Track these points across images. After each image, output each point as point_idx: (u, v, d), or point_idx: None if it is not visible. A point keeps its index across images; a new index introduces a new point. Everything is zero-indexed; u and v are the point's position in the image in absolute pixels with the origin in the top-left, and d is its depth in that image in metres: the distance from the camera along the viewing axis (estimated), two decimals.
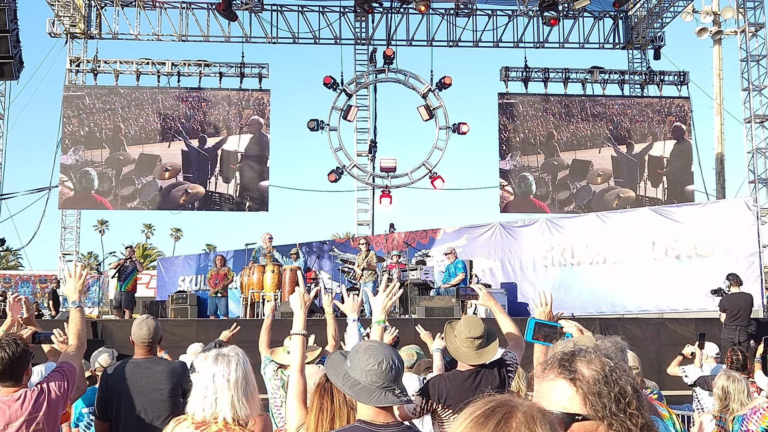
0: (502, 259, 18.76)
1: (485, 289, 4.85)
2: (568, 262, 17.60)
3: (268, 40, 25.55)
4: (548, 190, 24.96)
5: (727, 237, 15.58)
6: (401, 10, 25.43)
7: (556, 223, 18.26)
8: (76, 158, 24.28)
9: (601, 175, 25.15)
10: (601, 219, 17.75)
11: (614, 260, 16.99)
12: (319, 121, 23.72)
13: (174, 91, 25.03)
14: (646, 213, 17.27)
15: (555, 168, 25.15)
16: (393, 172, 24.35)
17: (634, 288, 16.67)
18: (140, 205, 24.68)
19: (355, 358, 2.96)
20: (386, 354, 2.94)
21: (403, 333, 10.01)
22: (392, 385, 2.89)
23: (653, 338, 13.83)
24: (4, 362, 4.27)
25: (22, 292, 37.26)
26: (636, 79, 26.25)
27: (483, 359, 4.55)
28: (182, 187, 24.55)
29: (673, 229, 16.26)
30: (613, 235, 17.10)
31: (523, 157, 25.09)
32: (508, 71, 25.59)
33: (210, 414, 3.43)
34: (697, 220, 16.16)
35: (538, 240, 18.19)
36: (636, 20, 26.39)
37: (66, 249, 26.39)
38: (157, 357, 5.66)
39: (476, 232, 19.52)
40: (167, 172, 24.52)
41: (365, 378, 2.89)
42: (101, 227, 76.41)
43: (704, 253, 15.76)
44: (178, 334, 13.17)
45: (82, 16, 25.06)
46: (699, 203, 18.49)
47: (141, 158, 24.52)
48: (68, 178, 24.18)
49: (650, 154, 25.30)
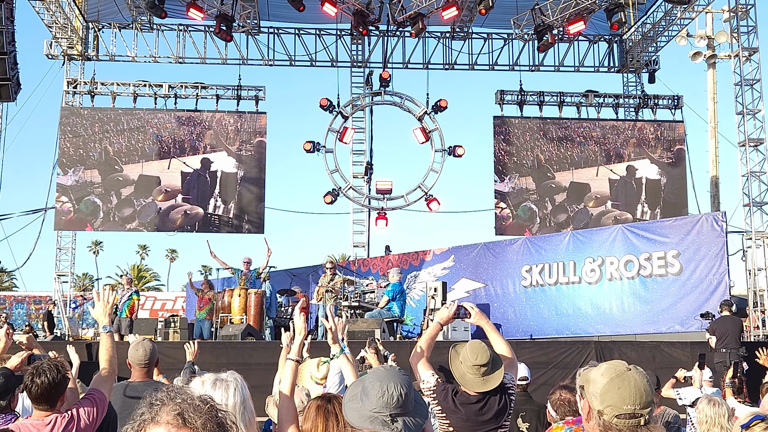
0: (485, 280, 18.80)
1: (477, 308, 4.85)
2: (546, 281, 17.66)
3: (264, 62, 25.66)
4: (546, 212, 25.02)
5: (697, 253, 15.63)
6: (397, 33, 25.58)
7: (536, 243, 18.35)
8: (75, 179, 24.31)
9: (599, 197, 25.22)
10: (577, 237, 17.83)
11: (588, 279, 17.04)
12: (316, 143, 23.78)
13: (171, 113, 25.09)
14: (618, 231, 17.28)
15: (552, 191, 25.23)
16: (389, 194, 24.39)
17: (607, 308, 16.74)
18: (139, 226, 24.69)
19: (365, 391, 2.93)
20: (392, 382, 2.89)
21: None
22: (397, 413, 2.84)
23: (648, 362, 13.77)
24: (42, 387, 4.28)
25: (17, 313, 37.11)
26: (630, 102, 26.39)
27: (488, 386, 4.53)
28: (181, 209, 24.57)
29: (644, 246, 16.32)
30: (587, 253, 17.15)
31: (521, 179, 25.18)
32: (503, 94, 25.71)
33: None
34: (669, 236, 16.18)
35: (519, 260, 18.27)
36: (630, 44, 26.56)
37: (61, 270, 26.30)
38: (154, 380, 5.64)
39: (462, 252, 19.57)
40: (165, 194, 24.54)
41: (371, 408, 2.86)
42: (96, 248, 76.37)
43: (674, 271, 15.82)
44: (173, 356, 13.09)
45: (79, 38, 25.16)
46: (669, 219, 18.53)
47: (140, 179, 24.57)
48: (68, 199, 24.20)
49: (646, 177, 25.39)
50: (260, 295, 16.46)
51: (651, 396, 2.56)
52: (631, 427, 2.53)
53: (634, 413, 2.52)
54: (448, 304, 4.85)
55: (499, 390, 4.59)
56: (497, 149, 25.33)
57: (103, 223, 24.58)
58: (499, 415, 4.57)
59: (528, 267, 18.01)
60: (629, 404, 2.52)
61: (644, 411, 2.53)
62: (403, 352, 7.55)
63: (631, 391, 2.53)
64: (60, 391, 4.39)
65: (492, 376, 4.55)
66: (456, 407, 4.58)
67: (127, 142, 24.70)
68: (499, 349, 4.82)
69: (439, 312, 4.80)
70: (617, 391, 2.54)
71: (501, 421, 4.58)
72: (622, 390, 2.53)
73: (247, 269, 17.74)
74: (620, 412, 2.52)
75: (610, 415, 2.53)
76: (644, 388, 2.55)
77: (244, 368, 4.86)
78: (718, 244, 15.47)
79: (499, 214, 25.05)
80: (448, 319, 4.77)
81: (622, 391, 2.53)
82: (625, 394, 2.52)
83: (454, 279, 19.35)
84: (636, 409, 2.52)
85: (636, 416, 2.52)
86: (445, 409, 4.58)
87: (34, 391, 4.28)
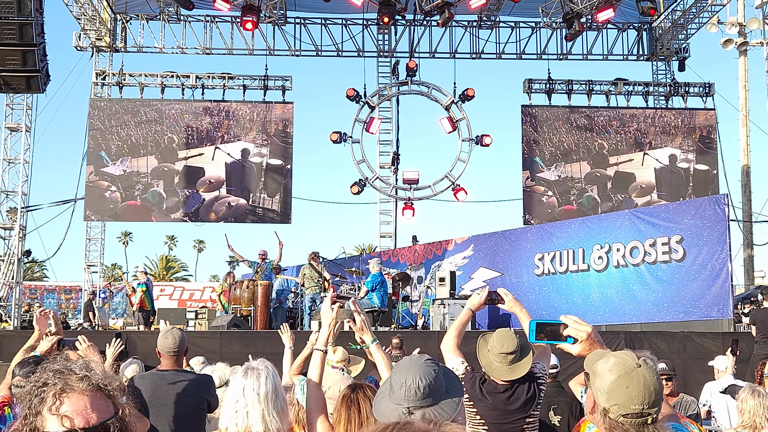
0: (502, 268, 18.69)
1: (511, 295, 4.79)
2: (557, 269, 17.52)
3: (291, 52, 25.66)
4: (596, 202, 24.79)
5: (699, 238, 15.29)
6: (424, 23, 25.46)
7: (548, 231, 18.19)
8: (123, 168, 24.53)
9: (644, 187, 24.95)
10: (587, 224, 17.67)
11: (596, 267, 16.87)
12: (342, 134, 23.74)
13: (198, 103, 25.19)
14: (625, 216, 17.06)
15: (598, 179, 25.02)
16: (416, 184, 24.32)
17: (615, 297, 16.53)
18: (183, 217, 24.84)
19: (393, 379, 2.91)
20: (411, 374, 2.86)
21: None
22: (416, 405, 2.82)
23: (679, 352, 13.66)
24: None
25: (47, 303, 37.60)
26: (660, 90, 26.09)
27: (516, 375, 4.48)
28: (225, 200, 24.70)
29: (649, 232, 16.04)
30: (595, 240, 16.95)
31: (566, 167, 24.99)
32: (531, 83, 25.54)
33: (243, 428, 3.40)
34: (673, 221, 15.85)
35: (532, 248, 18.15)
36: (660, 32, 26.23)
37: (90, 260, 26.54)
38: (183, 369, 5.64)
39: (481, 241, 19.47)
40: (209, 185, 24.72)
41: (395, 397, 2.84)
42: (125, 239, 77.01)
43: (678, 257, 15.51)
44: (201, 346, 13.18)
45: (107, 30, 25.29)
46: (672, 204, 18.17)
47: (185, 170, 24.81)
48: (117, 188, 24.43)
49: (693, 167, 25.12)
50: (266, 286, 16.65)
51: (660, 394, 2.45)
52: (637, 426, 2.42)
53: (641, 413, 2.41)
54: (480, 290, 4.79)
55: (527, 378, 4.54)
56: (525, 138, 25.17)
57: (159, 213, 24.82)
58: (528, 404, 4.52)
59: (540, 255, 17.86)
60: (637, 404, 2.41)
61: (652, 410, 2.42)
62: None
63: (640, 390, 2.41)
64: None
65: (519, 365, 4.50)
66: (483, 396, 4.54)
67: (154, 133, 24.83)
68: None
69: (471, 298, 4.74)
70: (625, 390, 2.42)
71: (529, 410, 4.53)
72: (631, 389, 2.42)
73: (263, 262, 17.83)
74: (627, 412, 2.41)
75: (617, 414, 2.43)
76: (653, 387, 2.43)
77: (273, 357, 4.84)
78: (720, 229, 15.00)
79: (546, 201, 24.89)
80: (480, 305, 4.71)
81: (630, 390, 2.42)
82: (633, 394, 2.41)
83: (473, 268, 19.28)
84: (644, 409, 2.41)
85: (643, 416, 2.42)
86: (473, 398, 4.54)
87: None
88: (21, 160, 23.33)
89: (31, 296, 36.40)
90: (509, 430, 4.49)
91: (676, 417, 3.02)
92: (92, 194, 24.53)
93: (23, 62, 18.01)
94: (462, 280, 19.36)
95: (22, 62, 18.00)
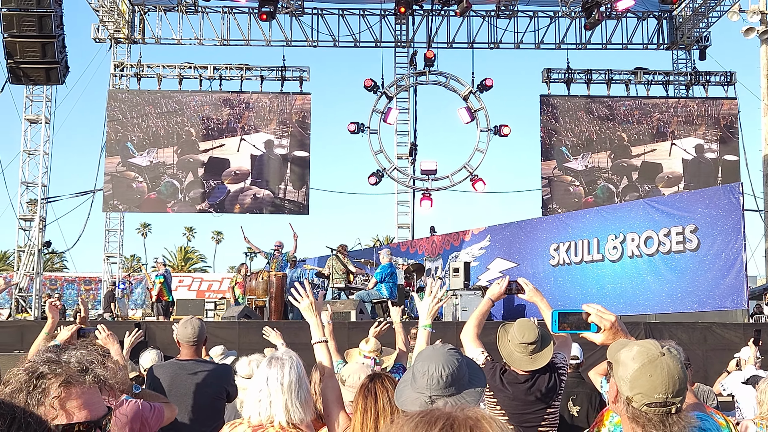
0: (518, 259, 18.60)
1: (531, 284, 4.75)
2: (572, 260, 17.38)
3: (308, 43, 25.64)
4: (617, 191, 24.63)
5: (713, 228, 15.02)
6: (442, 12, 25.35)
7: (564, 221, 18.08)
8: (150, 159, 24.66)
9: (671, 178, 24.77)
10: (601, 214, 17.52)
11: (611, 257, 16.70)
12: (360, 124, 23.72)
13: (216, 94, 25.23)
14: (640, 206, 16.85)
15: (625, 170, 24.87)
16: (433, 174, 24.27)
17: (629, 287, 16.33)
18: (208, 207, 24.91)
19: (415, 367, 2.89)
20: (434, 362, 2.84)
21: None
22: (438, 394, 2.79)
23: (700, 343, 13.55)
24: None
25: (67, 294, 37.84)
26: (681, 80, 25.87)
27: (537, 365, 4.44)
28: (250, 192, 24.76)
29: (664, 221, 15.78)
30: (610, 230, 16.75)
31: (593, 156, 24.87)
32: (550, 73, 25.40)
33: (266, 418, 3.40)
34: (688, 210, 15.58)
35: (547, 238, 18.00)
36: (681, 20, 25.99)
37: (110, 251, 26.69)
38: (202, 359, 5.65)
39: (497, 231, 19.38)
40: (234, 177, 24.79)
41: (417, 386, 2.82)
42: (144, 230, 77.36)
43: (692, 247, 15.27)
44: (221, 336, 13.21)
45: (126, 22, 25.37)
46: (686, 192, 17.87)
47: (210, 161, 24.91)
48: (143, 179, 24.57)
49: (705, 156, 24.92)
50: (280, 277, 16.60)
51: (684, 383, 2.41)
52: (661, 415, 2.38)
53: (665, 402, 2.37)
54: (500, 279, 4.75)
55: (548, 369, 4.50)
56: (544, 128, 25.05)
57: (177, 204, 24.92)
58: (548, 394, 4.48)
59: (555, 245, 17.73)
60: (661, 393, 2.36)
61: (676, 399, 2.38)
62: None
63: (664, 378, 2.36)
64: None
65: (540, 355, 4.47)
66: (503, 386, 4.50)
67: (175, 125, 24.90)
68: None
69: (491, 288, 4.70)
70: (649, 378, 2.38)
71: (550, 401, 4.49)
72: (654, 378, 2.37)
73: (279, 253, 17.87)
74: (651, 401, 2.37)
75: (640, 403, 2.38)
76: (678, 375, 2.38)
77: (292, 348, 4.82)
78: (735, 218, 14.69)
79: (573, 190, 24.79)
80: (500, 295, 4.67)
81: (654, 378, 2.37)
82: (657, 383, 2.37)
83: (489, 259, 19.21)
84: (668, 398, 2.37)
85: (667, 405, 2.37)
86: (493, 388, 4.51)
87: None
88: (41, 152, 23.49)
89: (51, 287, 36.67)
90: (529, 421, 4.46)
91: (702, 406, 2.98)
92: (119, 184, 24.65)
93: (42, 54, 18.12)
94: (479, 270, 19.29)
95: (42, 54, 18.12)
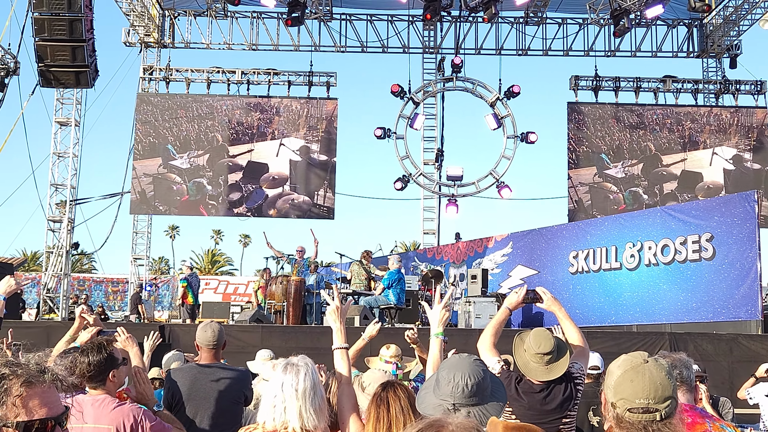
0: (538, 266, 18.52)
1: (549, 293, 4.74)
2: (591, 268, 17.26)
3: (336, 48, 25.71)
4: (655, 201, 24.41)
5: (729, 237, 14.82)
6: (470, 19, 25.33)
7: (583, 228, 17.97)
8: (189, 162, 24.87)
9: (711, 188, 24.56)
10: (619, 221, 17.39)
11: (628, 265, 16.54)
12: (386, 129, 23.75)
13: (243, 99, 25.38)
14: (657, 213, 16.73)
15: (663, 178, 24.68)
16: (459, 180, 24.23)
17: (645, 296, 16.16)
18: (245, 211, 25.06)
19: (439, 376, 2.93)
20: (460, 371, 2.87)
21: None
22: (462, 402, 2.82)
23: (725, 354, 13.39)
24: (86, 365, 4.38)
25: (95, 295, 38.21)
26: (711, 88, 25.63)
27: (552, 375, 4.41)
28: (289, 197, 24.88)
29: (681, 230, 15.62)
30: (628, 238, 16.61)
31: (632, 164, 24.72)
32: (577, 80, 25.27)
33: (280, 423, 3.42)
34: (703, 219, 15.39)
35: (567, 245, 17.92)
36: (711, 28, 25.76)
37: (137, 254, 26.91)
38: (222, 363, 5.68)
39: (519, 238, 19.30)
40: (272, 181, 24.94)
41: (440, 395, 2.86)
42: (172, 233, 77.89)
43: (708, 256, 15.07)
44: (243, 340, 13.27)
45: (156, 26, 25.60)
46: (702, 200, 17.61)
47: (249, 166, 25.07)
48: (182, 180, 24.77)
49: (746, 166, 24.68)
50: (298, 282, 16.64)
51: (669, 390, 2.45)
52: (645, 422, 2.43)
53: (647, 407, 2.42)
54: (518, 288, 4.74)
55: (564, 379, 4.47)
56: (571, 136, 24.93)
57: (214, 208, 25.07)
58: (564, 404, 4.45)
59: (575, 253, 17.63)
60: (642, 398, 2.42)
61: (660, 406, 2.41)
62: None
63: (646, 384, 2.42)
64: (103, 371, 4.44)
65: (556, 365, 4.43)
66: (519, 396, 4.48)
67: (206, 128, 25.07)
68: (571, 338, 4.70)
69: (509, 297, 4.69)
70: (630, 384, 2.45)
71: (566, 410, 4.46)
72: (635, 383, 2.44)
73: (301, 257, 17.95)
74: (632, 406, 2.43)
75: (623, 408, 2.45)
76: (660, 382, 2.44)
77: (313, 352, 4.84)
78: (750, 227, 14.49)
79: (613, 197, 24.70)
80: (518, 304, 4.66)
81: (635, 384, 2.44)
82: (639, 388, 2.43)
83: (512, 266, 19.14)
84: (650, 404, 2.42)
85: (650, 411, 2.41)
86: (508, 397, 4.48)
87: (77, 370, 4.34)
88: (70, 154, 23.78)
89: (79, 288, 37.02)
90: (545, 431, 4.43)
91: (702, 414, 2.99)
92: (160, 186, 24.85)
93: (72, 58, 18.33)
94: (501, 277, 19.25)
95: (72, 58, 18.32)
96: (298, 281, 16.68)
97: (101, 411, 4.32)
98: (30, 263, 60.33)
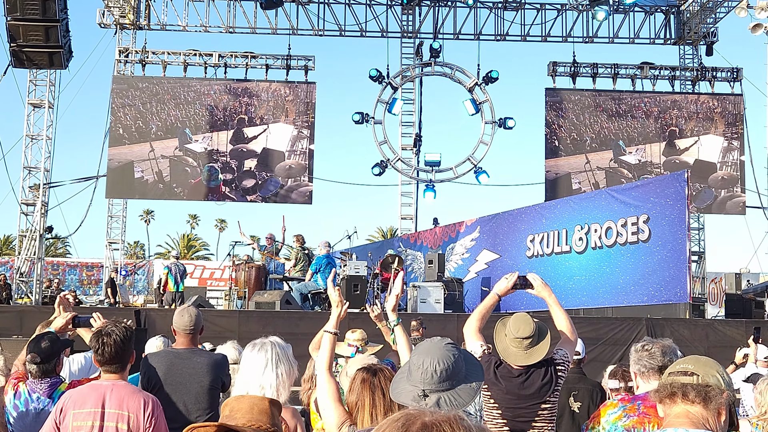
0: (501, 251, 18.52)
1: (541, 279, 4.72)
2: (544, 251, 17.30)
3: (314, 32, 25.53)
4: None
5: (664, 218, 14.81)
6: (448, 3, 25.24)
7: (539, 211, 18.02)
8: (204, 146, 24.62)
9: (726, 179, 24.64)
10: (569, 204, 17.48)
11: (577, 248, 16.56)
12: (365, 114, 23.69)
13: (220, 82, 25.13)
14: (602, 195, 16.80)
15: (677, 166, 24.31)
16: (437, 166, 24.23)
17: (592, 279, 16.20)
18: (257, 198, 24.83)
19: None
20: (429, 356, 2.86)
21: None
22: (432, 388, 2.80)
23: (702, 339, 13.56)
24: (114, 346, 4.36)
25: (69, 279, 37.90)
26: (687, 75, 25.76)
27: (532, 360, 4.39)
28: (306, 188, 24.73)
29: (622, 211, 15.60)
30: (576, 221, 16.63)
31: (647, 150, 24.71)
32: (555, 66, 25.27)
33: (245, 392, 3.57)
34: (642, 200, 15.38)
35: (525, 229, 17.95)
36: (688, 15, 25.86)
37: (112, 238, 26.68)
38: (198, 348, 5.61)
39: (485, 223, 19.31)
40: (288, 170, 24.70)
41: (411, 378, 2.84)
42: (147, 217, 77.23)
43: (644, 238, 15.06)
44: (221, 325, 13.23)
45: (131, 7, 25.27)
46: (640, 181, 17.60)
47: (263, 153, 24.79)
48: (197, 164, 24.53)
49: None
50: (257, 267, 17.13)
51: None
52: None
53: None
54: (508, 274, 4.73)
55: (545, 364, 4.46)
56: (549, 122, 24.95)
57: (226, 193, 24.83)
58: (543, 389, 4.42)
59: (531, 237, 17.65)
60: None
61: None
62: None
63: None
64: (129, 351, 4.45)
65: (535, 350, 4.41)
66: (497, 380, 4.46)
67: (182, 112, 24.79)
68: (560, 325, 4.69)
69: (498, 283, 4.68)
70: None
71: (545, 396, 4.43)
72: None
73: (270, 245, 18.04)
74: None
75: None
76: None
77: (290, 337, 4.80)
78: (680, 208, 14.47)
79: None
80: (507, 290, 4.65)
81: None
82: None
83: (478, 250, 19.17)
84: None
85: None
86: (487, 381, 4.46)
87: (106, 351, 4.32)
88: (44, 137, 23.43)
89: (53, 272, 36.72)
90: (523, 415, 4.41)
91: None
92: (176, 168, 24.59)
93: (46, 38, 18.08)
94: (469, 262, 19.26)
95: (45, 38, 18.08)
96: (257, 267, 17.14)
97: (123, 396, 4.29)
98: (2, 247, 59.71)
